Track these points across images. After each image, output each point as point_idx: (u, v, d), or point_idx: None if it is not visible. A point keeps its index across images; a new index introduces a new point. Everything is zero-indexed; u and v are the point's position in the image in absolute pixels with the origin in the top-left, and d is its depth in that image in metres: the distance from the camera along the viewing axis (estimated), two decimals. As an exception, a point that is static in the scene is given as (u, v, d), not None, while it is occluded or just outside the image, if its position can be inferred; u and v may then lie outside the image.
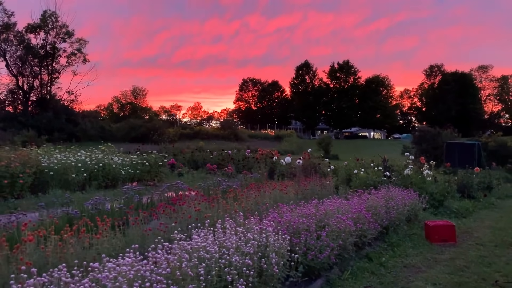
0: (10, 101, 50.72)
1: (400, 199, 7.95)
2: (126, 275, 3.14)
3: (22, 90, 49.71)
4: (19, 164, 9.51)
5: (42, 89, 50.51)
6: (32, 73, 49.54)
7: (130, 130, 49.05)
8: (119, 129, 50.20)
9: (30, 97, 50.27)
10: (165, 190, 8.19)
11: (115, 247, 4.65)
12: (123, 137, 46.58)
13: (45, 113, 45.37)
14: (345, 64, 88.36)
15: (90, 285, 2.95)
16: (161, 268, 3.43)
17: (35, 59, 49.12)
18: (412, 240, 7.31)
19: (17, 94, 50.37)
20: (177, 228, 4.92)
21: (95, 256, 4.10)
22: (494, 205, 11.80)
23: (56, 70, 50.96)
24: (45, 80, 50.24)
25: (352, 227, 5.78)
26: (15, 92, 50.25)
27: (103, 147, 13.47)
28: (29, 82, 49.80)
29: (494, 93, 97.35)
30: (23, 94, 49.88)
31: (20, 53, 48.56)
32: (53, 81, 50.93)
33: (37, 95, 50.61)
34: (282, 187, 8.84)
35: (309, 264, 4.96)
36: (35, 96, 50.64)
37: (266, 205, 6.47)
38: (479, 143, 19.40)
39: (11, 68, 48.55)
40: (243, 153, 19.72)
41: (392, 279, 5.33)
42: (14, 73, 48.73)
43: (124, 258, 3.43)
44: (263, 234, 4.60)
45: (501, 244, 7.27)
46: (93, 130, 47.43)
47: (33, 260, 3.88)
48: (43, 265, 3.92)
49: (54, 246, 4.22)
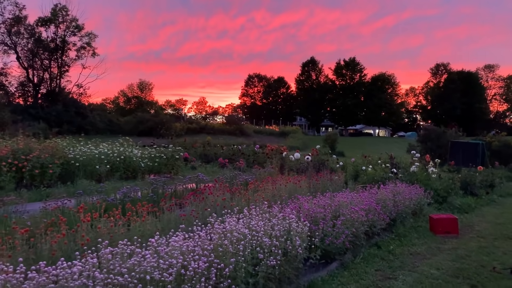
0: (21, 93, 51.49)
1: (407, 193, 8.53)
2: (180, 247, 3.74)
3: (32, 83, 50.47)
4: (48, 155, 10.13)
5: (51, 82, 51.28)
6: (42, 66, 50.29)
7: (138, 123, 49.70)
8: (127, 122, 50.89)
9: (40, 89, 51.04)
10: (187, 181, 8.79)
11: (153, 230, 5.25)
12: (130, 130, 47.09)
13: (55, 106, 46.07)
14: (351, 61, 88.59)
15: (151, 254, 3.55)
16: (206, 244, 4.03)
17: (45, 52, 49.81)
18: (417, 231, 7.89)
19: (27, 86, 51.14)
20: (209, 214, 5.51)
21: (133, 238, 4.70)
22: (496, 202, 12.33)
23: (66, 63, 51.73)
24: (54, 73, 50.97)
25: (363, 218, 6.36)
26: (26, 85, 51.01)
27: (121, 140, 14.08)
28: (39, 75, 50.59)
29: (500, 93, 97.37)
30: (33, 86, 50.64)
31: (31, 46, 49.28)
32: (63, 74, 51.69)
33: (46, 87, 51.36)
34: (296, 181, 9.42)
35: (326, 249, 5.55)
36: (45, 89, 51.40)
37: (284, 196, 7.06)
38: (483, 143, 19.88)
39: (21, 60, 49.32)
40: (252, 148, 20.29)
41: (400, 264, 5.92)
42: (24, 65, 49.50)
43: (177, 236, 4.02)
44: (286, 221, 5.17)
45: (500, 237, 7.83)
46: (102, 123, 48.17)
47: (90, 237, 4.48)
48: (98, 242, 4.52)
49: (104, 226, 4.82)
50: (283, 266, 4.59)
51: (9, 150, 9.72)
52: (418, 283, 5.19)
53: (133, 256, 3.57)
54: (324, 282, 5.00)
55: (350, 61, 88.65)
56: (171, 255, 3.63)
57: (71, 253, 4.01)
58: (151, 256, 3.52)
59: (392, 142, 59.01)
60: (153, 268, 3.38)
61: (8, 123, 23.98)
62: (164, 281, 3.30)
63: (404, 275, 5.45)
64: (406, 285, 5.09)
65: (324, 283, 4.99)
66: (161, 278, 3.30)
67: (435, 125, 43.82)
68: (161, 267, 3.41)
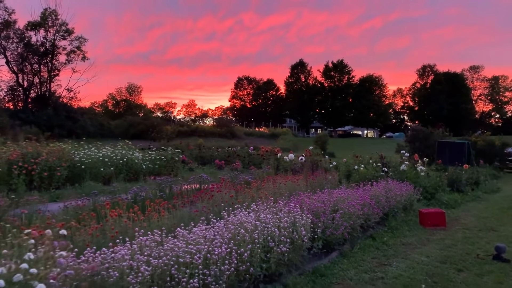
0: (10, 98, 51.41)
1: (398, 190, 9.15)
2: (203, 236, 4.28)
3: (22, 87, 50.41)
4: (56, 159, 10.56)
5: (41, 86, 51.25)
6: (32, 70, 50.26)
7: (129, 127, 49.86)
8: (118, 126, 51.00)
9: (30, 94, 50.98)
10: (192, 181, 9.30)
11: (170, 224, 5.76)
12: (121, 134, 47.14)
13: (45, 110, 46.12)
14: (339, 63, 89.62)
15: (180, 241, 4.08)
16: (225, 233, 4.56)
17: (35, 56, 49.81)
18: (408, 224, 8.50)
19: (17, 91, 51.06)
20: (220, 209, 6.05)
21: (161, 229, 5.21)
22: (480, 198, 13.03)
23: (56, 68, 51.70)
24: (44, 77, 50.96)
25: (359, 212, 6.96)
26: (15, 89, 50.94)
27: (121, 144, 14.53)
28: (29, 79, 50.55)
29: (485, 93, 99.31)
30: (23, 91, 50.59)
31: (20, 51, 49.27)
32: (53, 79, 51.68)
33: (36, 92, 51.33)
34: (294, 180, 9.98)
35: (326, 239, 6.12)
36: (35, 93, 51.36)
37: (286, 193, 7.61)
38: (468, 142, 20.67)
39: (11, 65, 49.28)
40: (246, 150, 20.84)
41: (393, 253, 6.51)
42: (14, 70, 49.45)
43: (199, 226, 4.56)
44: (291, 214, 5.72)
45: (483, 229, 8.48)
46: (93, 127, 48.23)
47: (117, 230, 4.98)
48: (125, 234, 5.02)
49: (129, 220, 5.32)
50: (291, 254, 5.14)
51: (19, 154, 10.13)
52: (410, 268, 5.77)
53: (164, 243, 4.09)
54: (326, 268, 5.56)
55: (338, 63, 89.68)
56: (197, 242, 4.16)
57: (103, 244, 4.51)
58: (180, 243, 4.05)
59: (380, 142, 59.96)
60: (184, 253, 3.91)
61: (7, 127, 24.18)
62: (194, 263, 3.83)
63: (398, 262, 6.04)
64: (399, 270, 5.67)
65: (327, 269, 5.55)
66: (192, 261, 3.83)
67: (423, 126, 44.92)
68: (191, 251, 3.94)
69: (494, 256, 6.31)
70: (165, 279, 3.60)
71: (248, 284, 4.45)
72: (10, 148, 10.75)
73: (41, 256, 3.05)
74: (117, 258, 3.55)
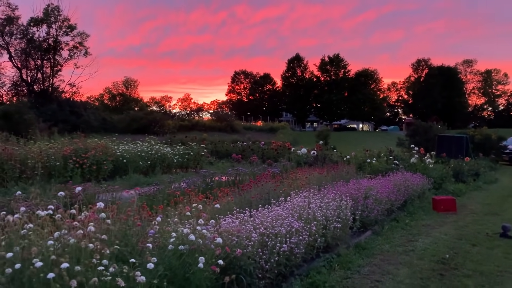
0: (14, 93, 52.08)
1: (414, 180, 10.37)
2: (280, 214, 5.45)
3: (25, 82, 51.10)
4: (102, 154, 11.66)
5: (44, 82, 51.97)
6: (35, 66, 50.93)
7: (131, 121, 50.62)
8: (121, 120, 51.87)
9: (34, 89, 51.66)
10: (230, 173, 10.46)
11: (231, 207, 6.91)
12: (124, 128, 47.96)
13: (49, 105, 46.88)
14: (335, 58, 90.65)
15: (258, 218, 5.24)
16: (295, 212, 5.74)
17: (38, 52, 50.46)
18: (423, 210, 9.73)
19: (20, 86, 51.75)
20: (273, 195, 7.21)
21: (228, 212, 6.34)
22: (482, 188, 14.30)
23: (58, 63, 52.39)
24: (47, 72, 51.66)
25: (386, 198, 8.16)
26: (19, 84, 51.63)
27: (148, 139, 15.66)
28: (33, 75, 51.24)
29: (478, 87, 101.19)
30: (26, 86, 51.28)
31: (24, 46, 49.89)
32: (55, 74, 52.38)
33: (39, 87, 52.01)
34: (315, 172, 11.15)
35: (362, 221, 7.32)
36: (38, 88, 52.04)
37: (320, 183, 8.79)
38: (467, 136, 21.91)
39: (14, 60, 49.91)
40: (258, 144, 22.01)
41: (417, 232, 7.74)
42: (18, 65, 50.10)
43: (270, 207, 5.73)
44: (337, 199, 6.89)
45: (488, 213, 9.74)
46: (96, 122, 49.08)
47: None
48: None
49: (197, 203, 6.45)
50: (340, 230, 6.33)
51: (72, 150, 11.22)
52: (433, 243, 6.99)
53: (256, 217, 5.25)
54: (366, 243, 6.76)
55: (335, 57, 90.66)
56: (277, 218, 5.32)
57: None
58: (282, 212, 5.25)
59: (376, 136, 61.42)
60: (272, 226, 5.07)
61: (34, 124, 25.10)
62: (280, 234, 5.00)
63: (422, 238, 7.26)
64: (425, 245, 6.88)
65: (366, 244, 6.75)
66: (279, 232, 5.00)
67: (417, 119, 46.30)
68: (276, 224, 5.10)
69: (501, 234, 7.54)
70: (264, 244, 4.76)
71: (314, 252, 5.64)
72: (55, 144, 11.76)
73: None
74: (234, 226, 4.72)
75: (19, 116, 24.50)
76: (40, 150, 10.93)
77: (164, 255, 3.78)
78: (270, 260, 4.62)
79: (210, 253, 3.85)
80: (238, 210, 5.67)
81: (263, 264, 4.55)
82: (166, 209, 5.53)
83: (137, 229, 3.97)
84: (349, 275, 5.40)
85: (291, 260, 5.04)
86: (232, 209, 5.89)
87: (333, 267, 5.54)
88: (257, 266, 4.49)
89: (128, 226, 4.00)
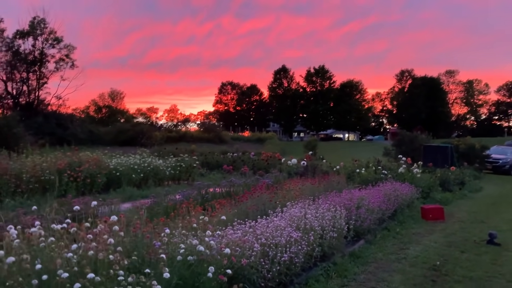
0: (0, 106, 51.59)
1: (403, 190, 10.68)
2: (279, 224, 5.66)
3: (11, 95, 50.66)
4: (96, 167, 11.77)
5: (30, 94, 51.58)
6: (21, 78, 50.54)
7: (118, 133, 50.50)
8: (107, 133, 51.68)
9: (19, 102, 51.21)
10: (224, 184, 10.63)
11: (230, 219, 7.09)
12: (111, 140, 47.65)
13: (35, 118, 46.50)
14: (320, 69, 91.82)
15: (259, 229, 5.45)
16: (293, 223, 5.96)
17: (24, 64, 50.15)
18: (413, 219, 10.03)
19: (6, 99, 51.29)
20: (270, 207, 7.42)
21: (228, 224, 6.53)
22: (467, 196, 14.71)
23: (44, 75, 52.07)
24: (33, 85, 51.29)
25: (377, 208, 8.43)
26: (4, 97, 51.17)
27: (139, 151, 15.79)
28: (18, 87, 50.84)
29: (461, 97, 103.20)
30: (12, 99, 50.83)
31: (9, 59, 49.53)
32: (41, 86, 52.01)
33: (25, 100, 51.58)
34: (307, 182, 11.39)
35: (355, 230, 7.56)
36: (24, 101, 51.59)
37: (316, 193, 9.02)
38: (451, 146, 22.45)
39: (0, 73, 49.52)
40: (248, 155, 22.20)
41: (408, 240, 8.02)
42: (3, 78, 49.69)
43: (273, 217, 5.95)
44: (331, 209, 7.12)
45: (475, 221, 10.08)
46: (83, 134, 48.77)
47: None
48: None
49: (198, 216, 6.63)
50: (336, 240, 6.56)
51: (66, 163, 11.30)
52: (424, 251, 7.27)
53: (256, 228, 5.45)
54: (360, 252, 7.00)
55: (320, 69, 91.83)
56: (277, 229, 5.53)
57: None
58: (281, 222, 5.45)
59: (362, 145, 62.16)
60: (272, 236, 5.28)
61: (23, 138, 24.93)
62: (279, 244, 5.21)
63: (413, 246, 7.54)
64: (416, 252, 7.15)
65: (360, 252, 6.99)
66: (279, 242, 5.21)
67: (401, 129, 47.07)
68: (276, 234, 5.31)
69: (488, 241, 7.85)
70: (265, 254, 4.96)
71: (311, 261, 5.86)
72: (48, 158, 11.78)
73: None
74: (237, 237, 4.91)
75: (8, 130, 24.31)
76: (34, 164, 10.99)
77: (173, 266, 3.97)
78: (272, 270, 4.82)
79: (218, 263, 4.04)
80: (238, 222, 5.87)
81: (265, 274, 4.76)
82: (166, 221, 5.70)
83: (147, 241, 4.15)
84: (346, 282, 5.63)
85: (291, 269, 5.25)
86: (232, 221, 6.08)
87: (331, 276, 5.76)
88: (259, 275, 4.69)
89: (138, 238, 4.18)
